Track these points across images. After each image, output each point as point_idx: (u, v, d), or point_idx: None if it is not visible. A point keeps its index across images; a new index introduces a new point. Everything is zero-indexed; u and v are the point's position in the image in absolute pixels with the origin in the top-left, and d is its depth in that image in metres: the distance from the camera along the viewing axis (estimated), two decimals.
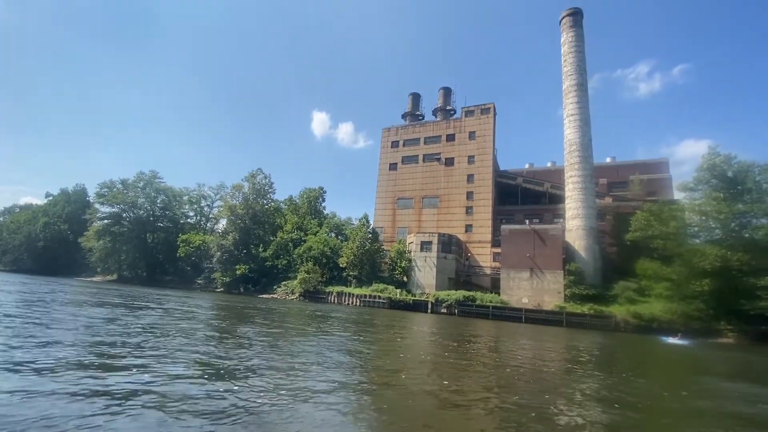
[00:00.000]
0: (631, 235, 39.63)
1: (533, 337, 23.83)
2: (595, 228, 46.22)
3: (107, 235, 73.99)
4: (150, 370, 7.16)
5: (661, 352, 22.40)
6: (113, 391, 5.69)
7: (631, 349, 22.69)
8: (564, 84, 52.68)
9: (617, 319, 35.38)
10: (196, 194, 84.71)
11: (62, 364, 7.03)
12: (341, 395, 6.82)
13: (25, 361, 6.92)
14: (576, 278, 41.64)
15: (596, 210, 47.98)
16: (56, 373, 6.32)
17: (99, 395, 5.41)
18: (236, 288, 59.47)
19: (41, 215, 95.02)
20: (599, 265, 44.46)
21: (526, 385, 9.17)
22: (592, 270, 43.69)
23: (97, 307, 18.81)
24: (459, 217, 61.19)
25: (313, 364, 9.36)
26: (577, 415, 6.89)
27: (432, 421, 6.02)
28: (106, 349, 8.95)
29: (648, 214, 39.16)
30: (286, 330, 17.28)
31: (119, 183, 77.69)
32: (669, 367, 16.69)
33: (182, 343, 10.69)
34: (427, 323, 28.44)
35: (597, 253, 45.14)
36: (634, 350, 22.48)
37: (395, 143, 71.37)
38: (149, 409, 5.06)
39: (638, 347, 24.08)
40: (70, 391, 5.44)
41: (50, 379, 5.98)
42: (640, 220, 39.46)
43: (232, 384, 6.77)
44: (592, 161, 48.75)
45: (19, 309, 15.13)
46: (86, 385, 5.85)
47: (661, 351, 22.67)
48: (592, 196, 47.39)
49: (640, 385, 10.50)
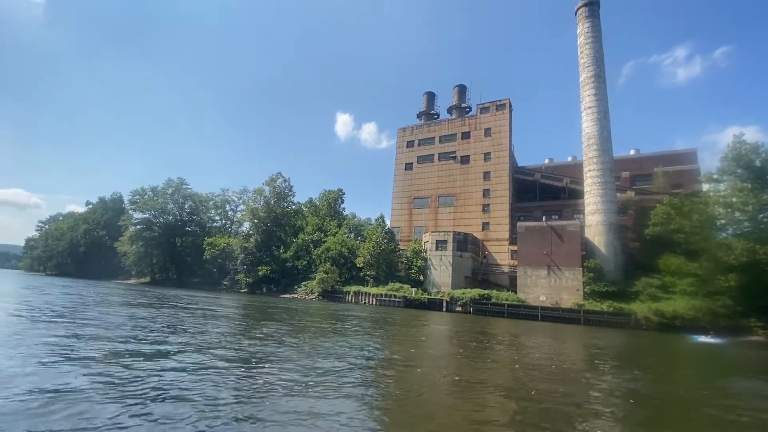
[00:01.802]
0: (650, 229, 38.34)
1: (550, 335, 23.63)
2: (615, 223, 44.89)
3: (139, 239, 78.37)
4: (191, 361, 8.20)
5: (691, 350, 21.53)
6: (156, 377, 6.60)
7: (658, 348, 21.94)
8: (581, 76, 51.41)
9: (638, 316, 34.36)
10: (221, 199, 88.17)
11: (115, 353, 8.22)
12: (361, 388, 7.20)
13: (92, 350, 8.02)
14: (595, 275, 40.64)
15: (617, 204, 46.57)
16: (113, 360, 7.33)
17: (144, 381, 6.31)
18: (259, 288, 61.64)
19: (82, 222, 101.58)
20: (620, 262, 43.17)
21: (546, 385, 9.00)
22: (613, 266, 42.49)
23: (135, 308, 20.39)
24: (476, 215, 60.82)
25: (333, 356, 10.03)
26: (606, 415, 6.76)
27: (452, 414, 6.24)
28: (146, 342, 10.11)
29: (668, 207, 37.73)
30: (307, 328, 18.09)
31: (150, 190, 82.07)
32: (702, 366, 16.16)
33: (215, 339, 11.62)
34: (441, 321, 28.70)
35: (618, 248, 43.84)
36: (661, 349, 21.68)
37: (410, 143, 71.70)
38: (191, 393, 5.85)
39: (664, 346, 23.23)
40: (123, 378, 6.37)
41: (112, 365, 6.96)
42: (660, 214, 38.08)
43: (261, 373, 7.53)
44: (611, 154, 47.35)
45: (73, 309, 16.77)
46: (133, 372, 6.81)
47: (690, 349, 21.81)
48: (612, 191, 46.06)
49: (680, 389, 10.22)
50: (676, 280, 35.10)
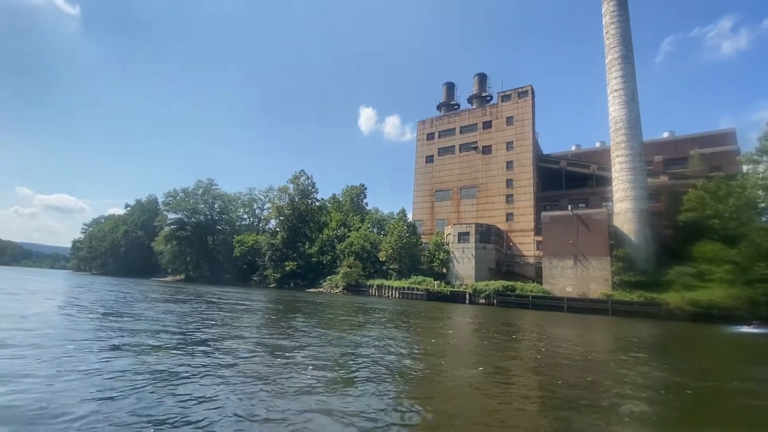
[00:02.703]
0: (683, 215, 36.51)
1: (578, 326, 23.24)
2: (646, 210, 43.06)
3: (174, 239, 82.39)
4: (232, 351, 8.99)
5: (732, 341, 20.43)
6: (196, 364, 7.37)
7: (694, 338, 21.01)
8: (607, 58, 49.25)
9: (670, 306, 33.03)
10: (248, 198, 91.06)
11: (159, 344, 9.10)
12: (388, 379, 7.35)
13: (140, 341, 8.95)
14: (625, 264, 39.26)
15: (648, 190, 44.60)
16: (159, 350, 8.20)
17: (184, 367, 7.08)
18: (287, 283, 63.59)
19: (121, 224, 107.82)
20: (652, 250, 41.44)
21: (575, 376, 8.81)
22: (644, 255, 40.87)
23: (175, 303, 21.87)
24: (499, 206, 59.94)
25: (360, 348, 10.51)
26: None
27: (478, 404, 6.26)
28: (187, 333, 11.10)
29: (702, 192, 35.77)
30: (334, 321, 18.68)
31: (181, 191, 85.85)
32: (745, 357, 15.34)
33: (250, 333, 12.46)
34: (465, 314, 28.76)
35: (649, 236, 42.10)
36: (696, 339, 20.74)
37: (431, 135, 71.23)
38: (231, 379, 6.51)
39: (700, 336, 22.19)
40: (166, 366, 7.13)
41: (158, 355, 7.81)
42: (693, 199, 36.17)
43: (294, 365, 8.00)
44: (640, 138, 45.28)
45: (120, 305, 18.28)
46: (176, 360, 7.63)
47: (731, 340, 20.71)
48: (642, 176, 44.13)
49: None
50: (712, 267, 33.35)
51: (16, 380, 5.56)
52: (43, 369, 6.27)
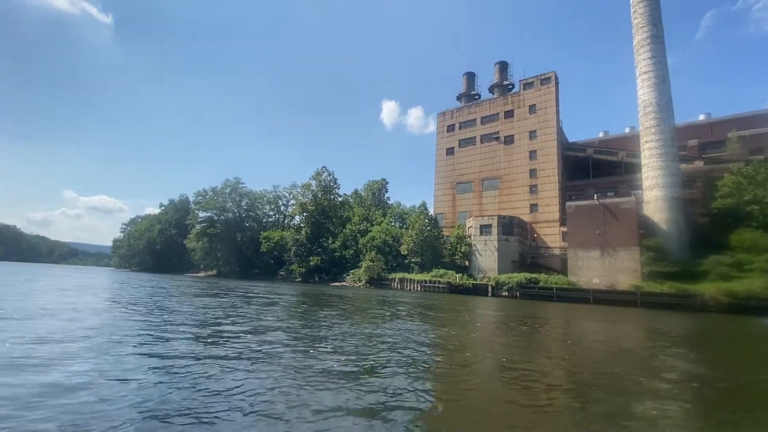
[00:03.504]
0: (718, 202, 34.67)
1: (605, 318, 22.74)
2: (679, 198, 41.12)
3: (204, 236, 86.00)
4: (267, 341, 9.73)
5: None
6: (229, 353, 8.03)
7: (731, 331, 20.10)
8: (635, 39, 46.98)
9: (704, 297, 31.65)
10: (273, 195, 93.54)
11: (196, 335, 9.91)
12: (413, 371, 7.45)
13: (181, 332, 9.90)
14: (656, 255, 37.79)
15: (681, 177, 42.51)
16: (193, 340, 9.06)
17: (217, 358, 7.72)
18: (312, 278, 65.26)
19: (156, 223, 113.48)
20: (685, 239, 39.61)
21: (602, 368, 8.66)
22: (677, 245, 39.16)
23: (209, 297, 23.24)
24: (522, 197, 58.82)
25: (385, 340, 10.84)
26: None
27: (505, 397, 6.27)
28: (223, 325, 11.95)
29: (739, 176, 33.77)
30: (359, 313, 19.31)
31: (210, 191, 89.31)
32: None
33: (280, 324, 13.26)
34: (487, 306, 28.71)
35: (682, 225, 40.23)
36: (734, 332, 19.80)
37: (451, 127, 70.50)
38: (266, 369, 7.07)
39: (738, 328, 21.07)
40: (199, 355, 7.79)
41: (193, 345, 8.67)
42: (729, 185, 34.23)
43: (320, 356, 8.37)
44: (672, 122, 43.10)
45: (160, 299, 19.75)
46: (214, 350, 8.34)
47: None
48: (674, 162, 42.10)
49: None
50: (751, 257, 31.68)
51: (73, 367, 6.39)
52: (94, 357, 7.12)
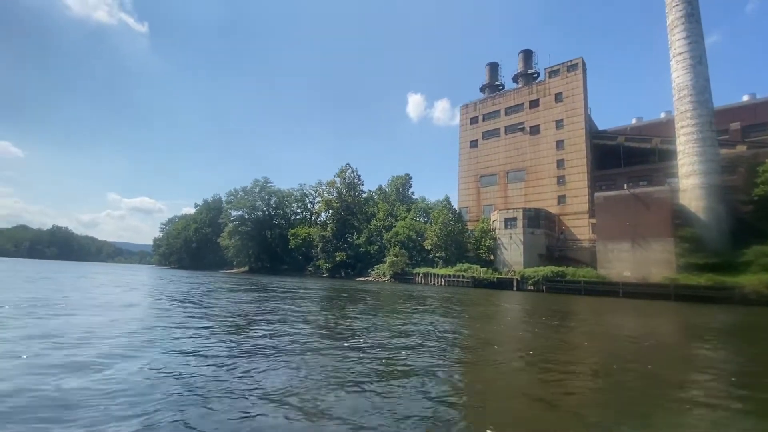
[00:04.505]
0: (760, 189, 32.53)
1: (636, 312, 22.07)
2: (717, 185, 38.83)
3: (236, 234, 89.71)
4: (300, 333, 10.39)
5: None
6: (265, 345, 8.78)
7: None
8: (668, 18, 44.47)
9: (744, 290, 29.96)
10: (300, 193, 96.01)
11: (236, 328, 10.89)
12: (443, 365, 7.52)
13: (220, 325, 10.99)
14: (692, 246, 36.04)
15: (720, 163, 40.09)
16: (231, 333, 10.06)
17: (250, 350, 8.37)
18: (338, 273, 66.83)
19: (192, 222, 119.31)
20: (725, 229, 37.45)
21: (636, 364, 8.37)
22: (716, 235, 37.12)
23: (243, 293, 24.57)
24: (549, 189, 57.35)
25: (413, 334, 10.95)
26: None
27: (533, 392, 6.16)
28: (258, 318, 12.79)
29: None
30: (385, 307, 19.69)
31: (241, 190, 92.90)
32: None
33: (308, 317, 14.10)
34: (513, 300, 28.49)
35: (722, 214, 38.01)
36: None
37: (474, 119, 69.53)
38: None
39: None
40: (241, 347, 8.46)
41: (231, 336, 9.67)
42: None
43: (350, 350, 8.53)
44: (710, 105, 40.61)
45: (198, 294, 21.34)
46: (251, 342, 9.12)
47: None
48: (712, 148, 39.73)
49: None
50: None
51: (130, 359, 7.39)
52: (147, 348, 8.08)
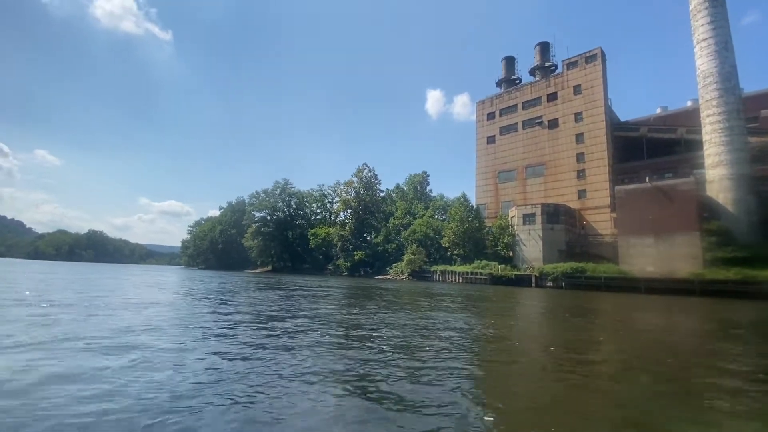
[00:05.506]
0: None
1: (660, 309, 21.53)
2: (747, 175, 37.29)
3: (259, 235, 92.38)
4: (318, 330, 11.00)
5: None
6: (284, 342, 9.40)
7: None
8: (691, 3, 42.83)
9: None
10: (319, 193, 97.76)
11: (264, 325, 11.77)
12: (465, 364, 7.40)
13: (247, 323, 11.97)
14: (720, 239, 34.86)
15: (749, 152, 38.44)
16: (259, 330, 10.98)
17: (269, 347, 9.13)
18: (357, 271, 67.94)
19: (217, 224, 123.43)
20: (756, 221, 35.98)
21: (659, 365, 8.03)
22: (746, 227, 35.73)
23: (267, 291, 25.63)
24: (569, 183, 56.35)
25: (433, 331, 11.03)
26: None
27: (555, 392, 6.02)
28: (285, 315, 13.44)
29: None
30: (405, 305, 19.86)
31: (262, 192, 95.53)
32: None
33: (337, 315, 14.84)
34: (532, 297, 28.35)
35: (752, 206, 36.51)
36: None
37: (491, 115, 68.93)
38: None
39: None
40: (255, 343, 8.99)
41: (256, 334, 10.59)
42: None
43: (370, 347, 8.54)
44: (738, 92, 38.96)
45: (228, 293, 22.68)
46: (278, 340, 9.85)
47: None
48: (740, 137, 38.14)
49: None
50: None
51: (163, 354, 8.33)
52: (175, 344, 9.06)
